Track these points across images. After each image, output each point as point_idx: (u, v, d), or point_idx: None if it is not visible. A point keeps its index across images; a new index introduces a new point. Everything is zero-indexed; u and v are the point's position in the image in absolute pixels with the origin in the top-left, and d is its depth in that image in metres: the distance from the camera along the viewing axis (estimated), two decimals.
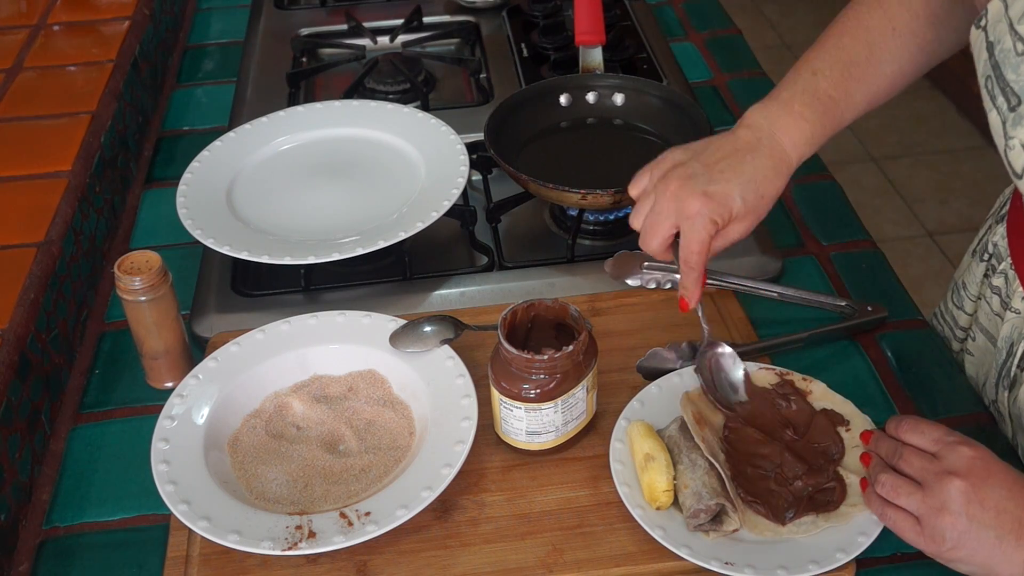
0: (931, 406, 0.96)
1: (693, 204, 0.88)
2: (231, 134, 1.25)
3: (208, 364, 0.96)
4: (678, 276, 1.06)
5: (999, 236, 0.99)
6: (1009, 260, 0.96)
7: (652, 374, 0.96)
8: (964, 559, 0.74)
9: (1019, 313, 0.94)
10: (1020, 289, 0.93)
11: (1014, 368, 0.94)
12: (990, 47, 0.83)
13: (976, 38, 0.85)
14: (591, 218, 1.18)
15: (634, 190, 0.94)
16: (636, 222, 0.93)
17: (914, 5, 0.94)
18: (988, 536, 0.73)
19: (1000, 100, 0.81)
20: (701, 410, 0.89)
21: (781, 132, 0.92)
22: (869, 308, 1.04)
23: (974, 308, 1.04)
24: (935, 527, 0.74)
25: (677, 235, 0.90)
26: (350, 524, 0.82)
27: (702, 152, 0.92)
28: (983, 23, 0.84)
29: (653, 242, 0.91)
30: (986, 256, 1.02)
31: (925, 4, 0.94)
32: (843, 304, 1.05)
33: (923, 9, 0.94)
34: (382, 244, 1.06)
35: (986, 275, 1.02)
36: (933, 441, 0.78)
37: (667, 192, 0.90)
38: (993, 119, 0.83)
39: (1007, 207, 0.99)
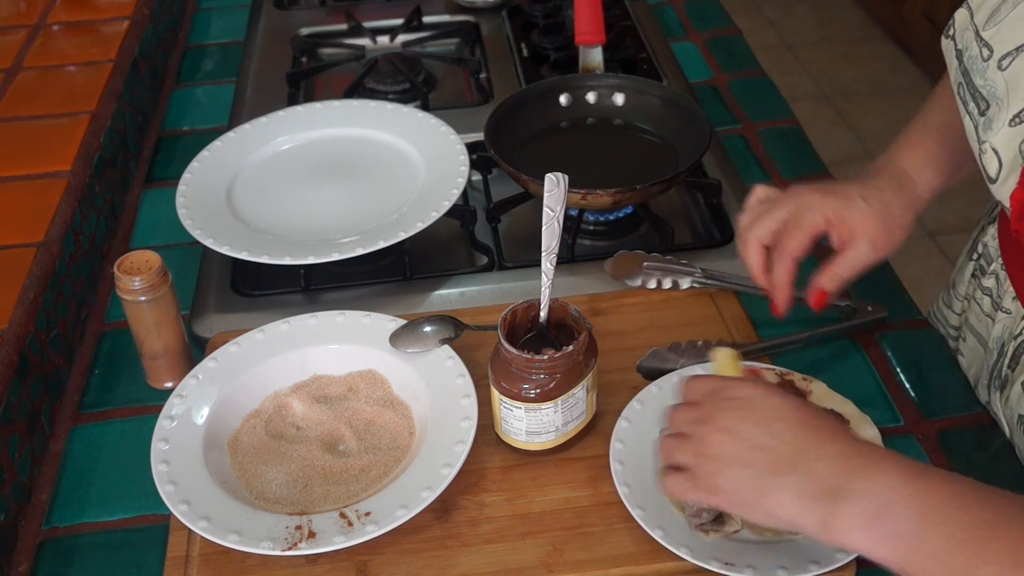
0: (931, 406, 0.96)
1: (811, 195, 0.89)
2: (231, 134, 1.25)
3: (208, 364, 0.96)
4: (676, 276, 1.07)
5: (990, 237, 0.99)
6: (999, 261, 0.96)
7: (652, 374, 0.96)
8: (734, 504, 0.71)
9: (1010, 313, 0.94)
10: (1011, 290, 0.93)
11: (1004, 369, 0.94)
12: (959, 55, 0.84)
13: (946, 47, 0.86)
14: (591, 218, 1.18)
15: (750, 202, 0.95)
16: (744, 220, 0.93)
17: None
18: (746, 475, 0.69)
19: (972, 106, 0.82)
20: None
21: (899, 158, 0.94)
22: (869, 308, 1.04)
23: (963, 308, 1.04)
24: (702, 475, 0.72)
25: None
26: (350, 524, 0.82)
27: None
28: (951, 32, 0.85)
29: (760, 228, 0.90)
30: (976, 256, 1.02)
31: None
32: (843, 304, 1.04)
33: None
34: (382, 244, 1.06)
35: (974, 275, 1.02)
36: (703, 394, 0.76)
37: (787, 191, 0.91)
38: (967, 125, 0.84)
39: (998, 208, 0.99)
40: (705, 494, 0.72)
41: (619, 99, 1.27)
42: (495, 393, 0.88)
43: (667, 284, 1.06)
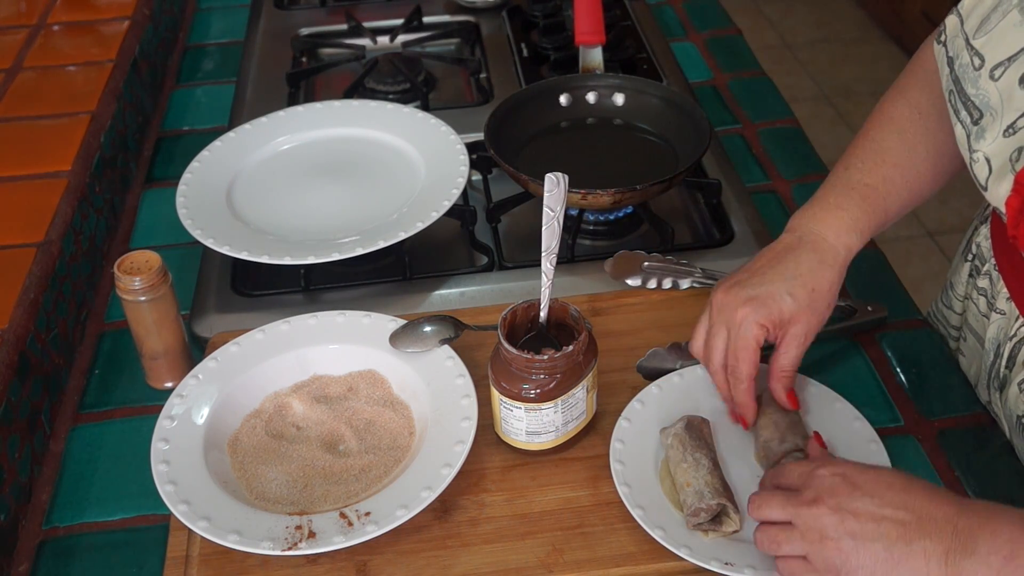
0: (931, 406, 0.96)
1: (739, 311, 0.87)
2: (231, 134, 1.25)
3: (208, 364, 0.96)
4: (676, 276, 1.06)
5: (983, 237, 0.99)
6: (993, 261, 0.96)
7: (652, 374, 0.96)
8: None
9: (1004, 314, 0.94)
10: (1004, 290, 0.93)
11: (1002, 369, 0.94)
12: (950, 62, 0.84)
13: (938, 53, 0.86)
14: (591, 218, 1.18)
15: (696, 332, 0.92)
16: (695, 346, 0.91)
17: (935, 87, 0.93)
18: (876, 549, 0.70)
19: (963, 114, 0.82)
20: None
21: (822, 226, 0.91)
22: (869, 308, 1.04)
23: (962, 308, 1.04)
24: (823, 559, 0.72)
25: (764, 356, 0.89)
26: (350, 524, 0.82)
27: (748, 265, 0.92)
28: (943, 38, 0.85)
29: (713, 359, 0.89)
30: (970, 256, 1.02)
31: None
32: (843, 304, 1.04)
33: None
34: (382, 244, 1.05)
35: (971, 275, 1.02)
36: (798, 476, 0.76)
37: (714, 305, 0.89)
38: (958, 132, 0.83)
39: (990, 208, 0.99)
40: None
41: (619, 99, 1.27)
42: (495, 393, 0.88)
43: (667, 284, 1.06)
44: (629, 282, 1.07)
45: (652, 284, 1.07)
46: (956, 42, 0.83)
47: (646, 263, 1.07)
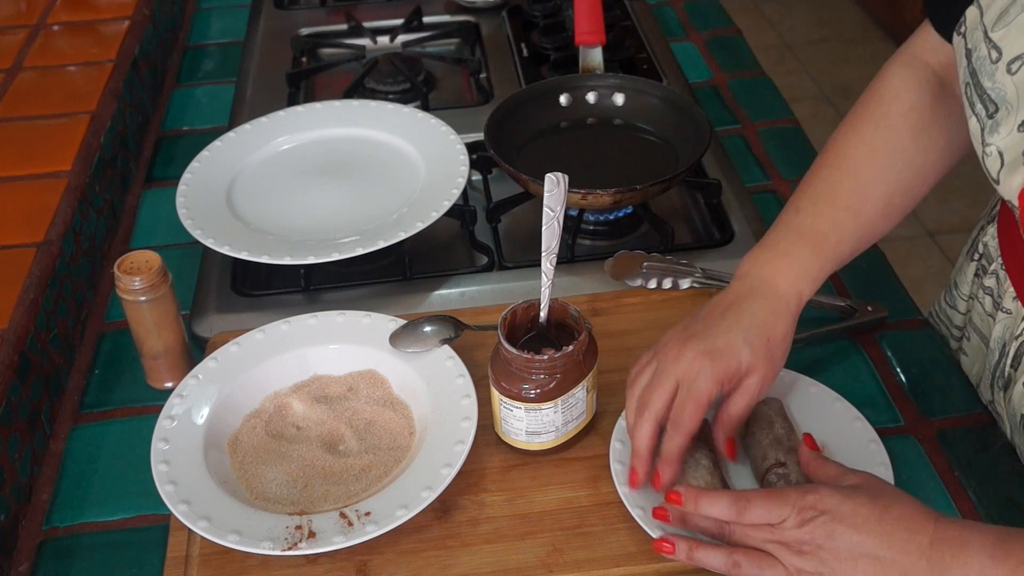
0: (931, 406, 0.96)
1: (695, 363, 0.82)
2: (231, 134, 1.25)
3: (208, 364, 0.96)
4: (676, 276, 1.06)
5: (990, 236, 0.99)
6: (999, 260, 0.96)
7: None
8: None
9: (1010, 313, 0.94)
10: (1011, 289, 0.93)
11: (1007, 368, 0.94)
12: (968, 54, 0.83)
13: (957, 44, 0.85)
14: (591, 218, 1.18)
15: (632, 373, 0.87)
16: (633, 392, 0.85)
17: (892, 120, 0.91)
18: None
19: (979, 107, 0.82)
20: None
21: (773, 273, 0.88)
22: (869, 308, 1.04)
23: (967, 308, 1.04)
24: None
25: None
26: (350, 524, 0.82)
27: (699, 314, 0.87)
28: (962, 29, 0.84)
29: (652, 406, 0.82)
30: (976, 256, 1.02)
31: (903, 116, 0.91)
32: (843, 304, 1.05)
33: (902, 122, 0.91)
34: (382, 244, 1.05)
35: (977, 275, 1.02)
36: (778, 516, 0.75)
37: (667, 356, 0.84)
38: (972, 125, 0.83)
39: (997, 207, 0.99)
40: None
41: (619, 99, 1.27)
42: (495, 393, 0.88)
43: (667, 284, 1.06)
44: (629, 282, 1.07)
45: (652, 284, 1.07)
46: (975, 34, 0.82)
47: (646, 263, 1.07)
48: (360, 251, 1.05)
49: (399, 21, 1.56)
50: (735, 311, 0.86)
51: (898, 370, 1.00)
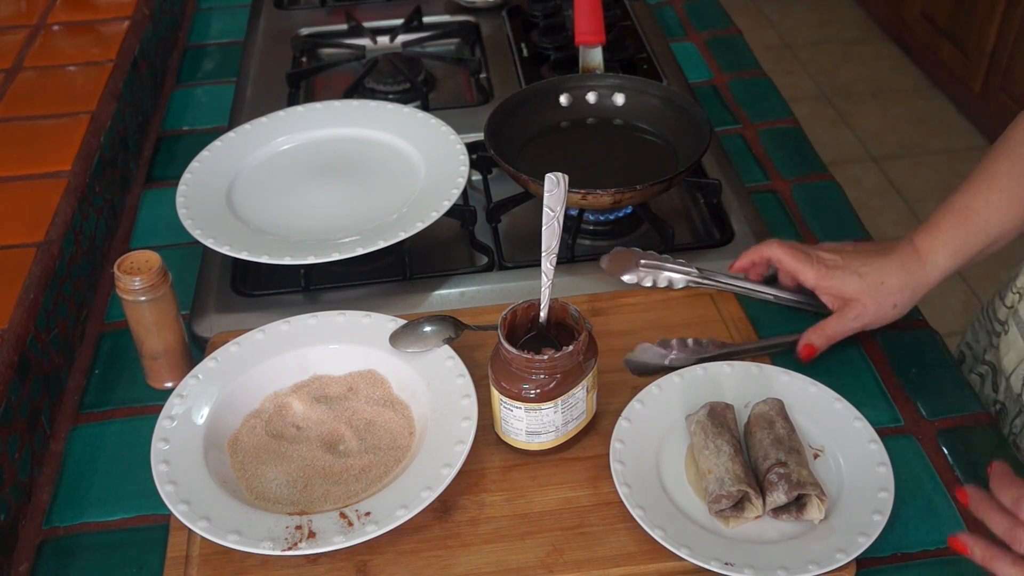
0: (931, 406, 0.96)
1: (820, 267, 0.96)
2: (231, 134, 1.25)
3: (208, 364, 0.96)
4: (672, 273, 1.07)
5: None
6: None
7: (641, 369, 0.97)
8: None
9: None
10: None
11: None
12: None
13: None
14: (591, 218, 1.18)
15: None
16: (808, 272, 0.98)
17: None
18: None
19: None
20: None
21: (917, 239, 0.97)
22: None
23: (1012, 302, 1.06)
24: None
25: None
26: (350, 524, 0.82)
27: (862, 245, 1.00)
28: None
29: (771, 251, 1.00)
30: None
31: None
32: None
33: None
34: (382, 244, 1.06)
35: None
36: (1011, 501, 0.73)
37: (819, 257, 0.98)
38: None
39: None
40: None
41: (619, 99, 1.27)
42: (495, 393, 0.88)
43: (663, 282, 1.07)
44: (625, 279, 1.07)
45: (648, 281, 1.07)
46: None
47: (642, 260, 1.07)
48: (360, 251, 1.05)
49: (399, 21, 1.56)
50: (875, 252, 0.98)
51: (898, 370, 1.00)
